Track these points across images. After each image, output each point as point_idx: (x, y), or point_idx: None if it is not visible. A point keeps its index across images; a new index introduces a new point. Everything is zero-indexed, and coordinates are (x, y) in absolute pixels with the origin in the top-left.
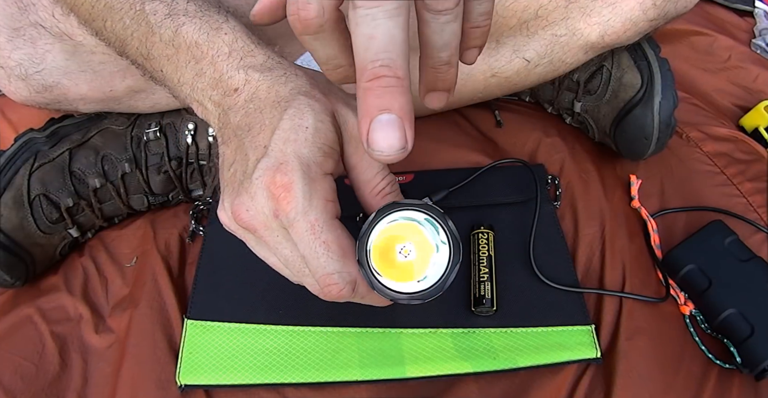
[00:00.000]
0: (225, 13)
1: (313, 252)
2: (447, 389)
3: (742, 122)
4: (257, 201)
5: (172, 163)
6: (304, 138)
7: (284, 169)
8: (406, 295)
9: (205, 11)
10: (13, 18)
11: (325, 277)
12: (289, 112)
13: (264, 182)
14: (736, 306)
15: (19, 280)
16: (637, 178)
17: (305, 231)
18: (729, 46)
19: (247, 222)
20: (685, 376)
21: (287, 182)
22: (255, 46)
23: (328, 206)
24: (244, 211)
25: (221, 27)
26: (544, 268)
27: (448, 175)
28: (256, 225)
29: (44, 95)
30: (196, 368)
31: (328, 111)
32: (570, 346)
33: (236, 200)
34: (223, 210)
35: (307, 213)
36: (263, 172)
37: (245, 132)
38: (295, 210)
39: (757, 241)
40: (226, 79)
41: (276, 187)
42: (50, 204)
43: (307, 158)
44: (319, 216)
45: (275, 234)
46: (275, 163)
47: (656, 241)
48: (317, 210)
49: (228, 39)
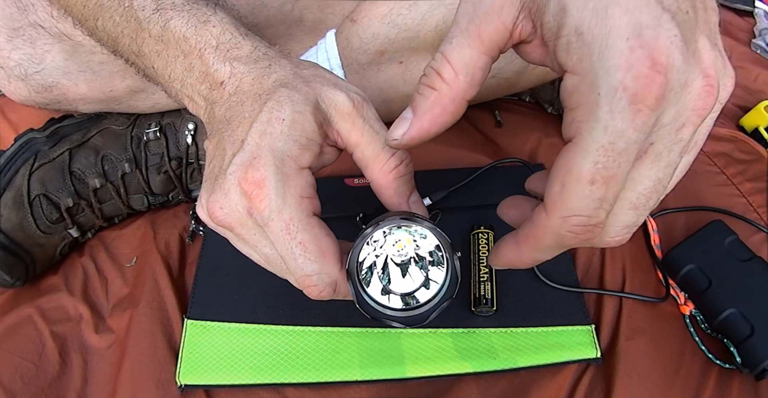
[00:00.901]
0: (213, 5)
1: (290, 253)
2: (447, 389)
3: (742, 122)
4: (230, 198)
5: (172, 163)
6: (279, 130)
7: (257, 164)
8: (389, 316)
9: (192, 4)
10: (13, 18)
11: (304, 279)
12: (268, 105)
13: (237, 178)
14: (736, 306)
15: (19, 280)
16: None
17: (280, 231)
18: (729, 46)
19: (222, 220)
20: (685, 376)
21: (259, 178)
22: (242, 37)
23: (303, 203)
24: (218, 209)
25: (209, 19)
26: (544, 268)
27: (448, 175)
28: (232, 223)
29: (44, 95)
30: (196, 368)
31: (309, 100)
32: (570, 346)
33: (211, 197)
34: (200, 207)
35: (281, 212)
36: (237, 168)
37: (225, 125)
38: (268, 208)
39: (757, 241)
40: (213, 73)
41: (248, 183)
42: (50, 204)
43: (282, 152)
44: (294, 214)
45: (252, 233)
46: (249, 157)
47: (656, 241)
48: (291, 209)
49: (216, 31)
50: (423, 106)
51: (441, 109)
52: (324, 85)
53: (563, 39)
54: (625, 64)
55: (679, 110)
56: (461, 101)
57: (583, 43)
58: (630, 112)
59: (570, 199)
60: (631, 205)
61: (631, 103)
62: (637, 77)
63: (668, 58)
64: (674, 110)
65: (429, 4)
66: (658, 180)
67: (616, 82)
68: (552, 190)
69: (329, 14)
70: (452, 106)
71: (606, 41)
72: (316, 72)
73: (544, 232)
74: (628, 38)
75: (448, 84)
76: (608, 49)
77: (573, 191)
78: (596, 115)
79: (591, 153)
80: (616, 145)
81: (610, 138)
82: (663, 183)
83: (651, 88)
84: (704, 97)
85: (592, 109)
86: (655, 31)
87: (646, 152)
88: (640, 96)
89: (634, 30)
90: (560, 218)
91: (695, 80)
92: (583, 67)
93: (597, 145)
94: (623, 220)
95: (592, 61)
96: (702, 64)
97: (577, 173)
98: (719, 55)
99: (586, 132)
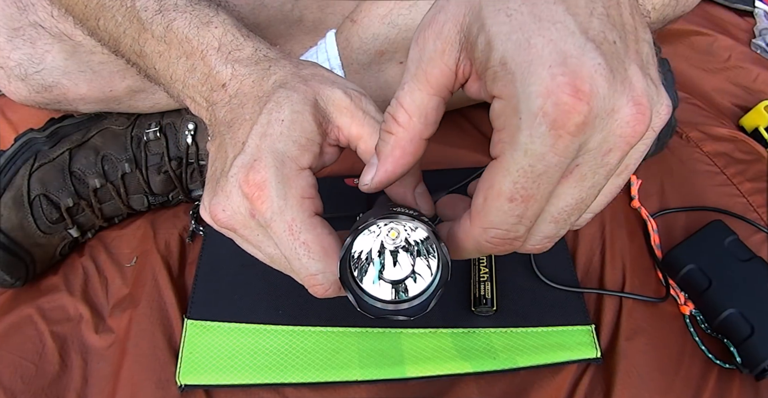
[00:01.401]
0: (216, 6)
1: (294, 253)
2: (447, 389)
3: (742, 122)
4: (232, 200)
5: (172, 163)
6: (279, 132)
7: (257, 167)
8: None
9: (195, 5)
10: (13, 18)
11: (309, 278)
12: (267, 106)
13: (238, 180)
14: (736, 306)
15: (19, 280)
16: (637, 178)
17: (283, 232)
18: (729, 46)
19: (225, 222)
20: (685, 376)
21: (260, 181)
22: (244, 39)
23: (305, 204)
24: (220, 211)
25: (211, 21)
26: (544, 268)
27: (448, 175)
28: (235, 225)
29: (44, 95)
30: (196, 368)
31: (307, 100)
32: (570, 346)
33: (213, 200)
34: (204, 210)
35: (284, 213)
36: (238, 170)
37: (227, 128)
38: (270, 210)
39: (757, 241)
40: (215, 74)
41: (249, 185)
42: (50, 204)
43: (282, 153)
44: (296, 215)
45: (255, 234)
46: (250, 160)
47: (656, 241)
48: (294, 210)
49: (218, 33)
50: (384, 150)
51: (401, 151)
52: (322, 83)
53: (490, 70)
54: (545, 91)
55: (606, 136)
56: (419, 141)
57: (507, 71)
58: (550, 137)
59: (490, 213)
60: (552, 219)
61: (551, 129)
62: (557, 104)
63: (592, 86)
64: (600, 135)
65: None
66: (580, 199)
67: (536, 107)
68: (476, 202)
69: (329, 14)
70: (411, 147)
71: (528, 68)
72: (315, 71)
73: (466, 237)
74: (551, 66)
75: (403, 127)
76: (530, 75)
77: (493, 206)
78: (517, 139)
79: (511, 173)
80: (536, 168)
81: (529, 161)
82: (586, 202)
83: (571, 114)
84: (633, 124)
85: (514, 132)
86: (579, 60)
87: (572, 172)
88: (560, 122)
89: (557, 58)
90: (481, 228)
91: (623, 107)
92: (507, 92)
93: (517, 166)
94: (544, 231)
95: (516, 87)
96: (633, 92)
97: (497, 190)
98: (651, 83)
99: (508, 153)
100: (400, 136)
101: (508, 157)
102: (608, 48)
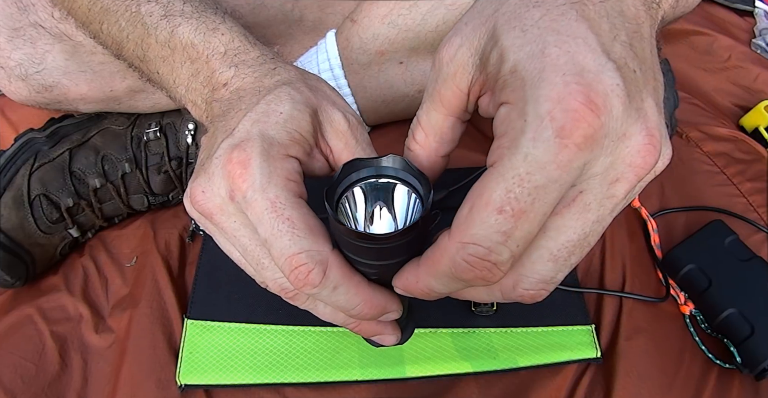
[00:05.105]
0: (222, 13)
1: (276, 231)
2: (447, 389)
3: (742, 122)
4: (213, 181)
5: (172, 163)
6: (274, 121)
7: (243, 146)
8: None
9: (201, 12)
10: (13, 18)
11: (291, 259)
12: (267, 98)
13: (222, 161)
14: (736, 306)
15: (19, 280)
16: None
17: (265, 210)
18: (729, 45)
19: (202, 205)
20: (685, 376)
21: (244, 158)
22: (251, 45)
23: (289, 185)
24: (199, 193)
25: (218, 27)
26: None
27: (448, 175)
28: (212, 209)
29: (44, 95)
30: (196, 368)
31: (310, 104)
32: (570, 346)
33: (194, 182)
34: (186, 196)
35: (266, 191)
36: (223, 151)
37: (221, 118)
38: (252, 188)
39: (757, 241)
40: (217, 75)
41: (232, 163)
42: (50, 204)
43: (272, 138)
44: (280, 193)
45: (232, 220)
46: (237, 141)
47: (656, 241)
48: (277, 188)
49: (225, 39)
50: None
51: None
52: (324, 100)
53: (500, 80)
54: (555, 96)
55: (614, 162)
56: (435, 158)
57: (517, 77)
58: (555, 146)
59: (473, 225)
60: (551, 257)
61: (557, 136)
62: (567, 110)
63: (606, 102)
64: (608, 160)
65: (429, 5)
66: (584, 235)
67: (544, 111)
68: (460, 212)
69: (329, 14)
70: (427, 163)
71: (540, 74)
72: (320, 85)
73: (442, 255)
74: (565, 74)
75: (420, 145)
76: (541, 80)
77: (478, 217)
78: (519, 142)
79: (506, 179)
80: (534, 177)
81: (528, 168)
82: (589, 240)
83: (580, 123)
84: (644, 155)
85: (516, 135)
86: (597, 76)
87: (574, 200)
88: (567, 130)
89: (572, 68)
90: (459, 243)
91: (636, 135)
92: (515, 96)
93: (513, 172)
94: (540, 272)
95: (525, 90)
96: (647, 123)
97: (487, 198)
98: (663, 123)
99: (506, 157)
100: (417, 153)
101: (506, 162)
102: (628, 73)
